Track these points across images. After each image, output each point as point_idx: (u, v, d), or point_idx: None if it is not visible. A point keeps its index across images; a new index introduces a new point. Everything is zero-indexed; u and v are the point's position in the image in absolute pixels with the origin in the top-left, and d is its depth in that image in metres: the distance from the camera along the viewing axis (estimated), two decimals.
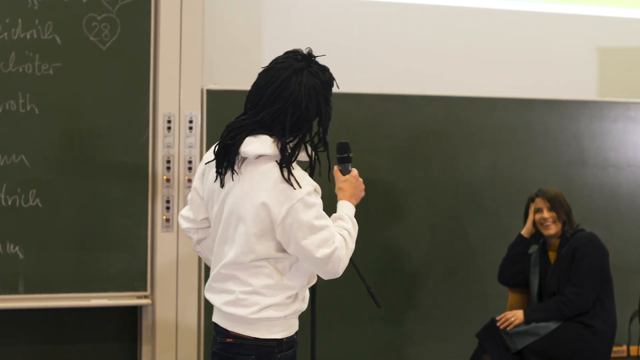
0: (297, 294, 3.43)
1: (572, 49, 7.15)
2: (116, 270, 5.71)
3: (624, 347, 6.31)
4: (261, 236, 3.32)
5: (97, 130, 5.68)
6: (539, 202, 5.66)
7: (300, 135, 3.36)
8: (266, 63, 3.54)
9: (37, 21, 5.58)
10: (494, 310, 6.01)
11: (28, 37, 5.57)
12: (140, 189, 5.74)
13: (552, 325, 5.44)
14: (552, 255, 5.67)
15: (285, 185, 3.27)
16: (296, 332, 3.49)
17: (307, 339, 5.04)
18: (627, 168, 6.83)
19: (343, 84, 6.63)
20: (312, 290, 5.03)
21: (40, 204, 5.60)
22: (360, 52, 6.64)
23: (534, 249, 5.79)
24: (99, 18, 5.66)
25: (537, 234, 5.73)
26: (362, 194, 3.58)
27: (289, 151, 3.30)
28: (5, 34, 5.54)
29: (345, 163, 3.61)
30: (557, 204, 5.61)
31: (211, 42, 6.16)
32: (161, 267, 5.77)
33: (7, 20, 5.54)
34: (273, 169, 3.30)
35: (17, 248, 5.57)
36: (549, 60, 7.07)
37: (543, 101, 6.69)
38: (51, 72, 5.61)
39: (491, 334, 5.54)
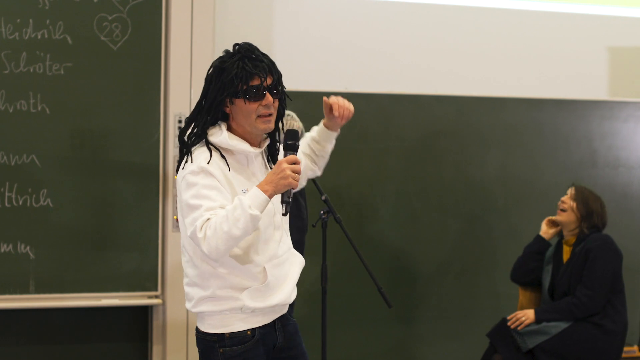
0: (237, 288, 3.43)
1: (583, 48, 7.14)
2: (127, 270, 5.72)
3: (635, 347, 6.30)
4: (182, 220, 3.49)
5: (108, 130, 5.68)
6: (570, 190, 5.66)
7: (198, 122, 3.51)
8: (276, 63, 3.56)
9: (48, 21, 5.58)
10: (505, 309, 6.00)
11: (39, 37, 5.57)
12: (151, 189, 5.75)
13: (562, 325, 5.43)
14: (566, 250, 5.65)
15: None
16: (249, 330, 3.48)
17: (318, 339, 5.05)
18: (638, 168, 6.82)
19: (354, 84, 6.67)
20: (323, 290, 5.06)
21: (51, 204, 5.60)
22: (371, 52, 6.64)
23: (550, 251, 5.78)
24: (110, 18, 5.66)
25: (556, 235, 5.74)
26: (284, 181, 3.31)
27: (185, 137, 3.50)
28: (17, 34, 5.55)
29: (287, 150, 3.48)
30: (581, 197, 5.61)
31: (222, 42, 6.15)
32: (172, 267, 5.77)
33: (18, 20, 5.55)
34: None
35: (28, 248, 5.58)
36: (559, 60, 7.06)
37: (554, 101, 6.69)
38: (62, 72, 5.61)
39: (502, 333, 5.54)
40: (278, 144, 3.63)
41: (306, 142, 3.83)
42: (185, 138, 3.51)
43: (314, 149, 3.80)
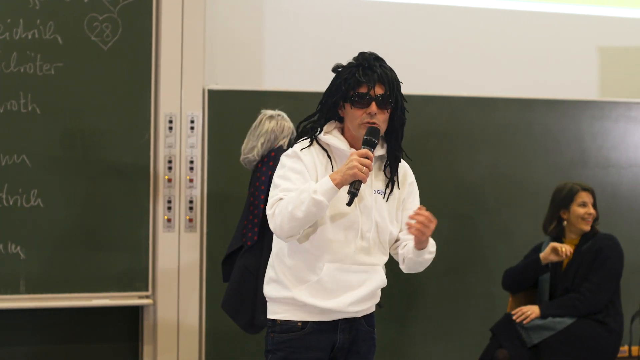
0: (297, 278, 3.53)
1: (574, 49, 7.15)
2: (117, 270, 5.71)
3: (626, 347, 6.31)
4: None
5: (98, 130, 5.68)
6: (585, 196, 5.62)
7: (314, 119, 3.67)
8: (267, 63, 3.64)
9: (38, 21, 5.58)
10: (496, 309, 6.01)
11: (30, 37, 5.57)
12: (141, 189, 5.74)
13: (568, 321, 5.44)
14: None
15: None
16: (300, 322, 3.55)
17: None
18: (628, 168, 6.83)
19: None
20: None
21: (41, 204, 5.60)
22: None
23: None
24: (100, 18, 5.66)
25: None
26: (350, 171, 3.36)
27: (300, 130, 3.66)
28: (7, 34, 5.54)
29: (363, 145, 3.53)
30: (595, 202, 5.64)
31: (212, 42, 6.15)
32: (162, 267, 5.77)
33: (9, 20, 5.54)
34: None
35: (18, 248, 5.57)
36: (550, 61, 7.07)
37: (544, 101, 6.69)
38: (53, 72, 5.61)
39: (506, 328, 5.51)
40: (398, 152, 3.70)
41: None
42: (298, 131, 3.68)
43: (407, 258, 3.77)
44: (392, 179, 3.65)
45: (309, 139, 3.59)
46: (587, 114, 6.76)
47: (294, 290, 3.52)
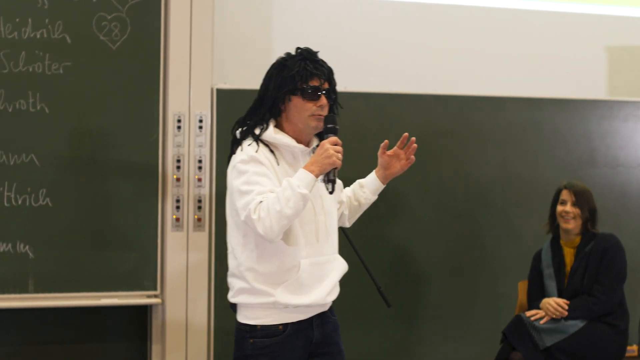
0: (272, 282, 3.56)
1: (582, 48, 7.14)
2: (126, 269, 5.71)
3: (635, 347, 6.31)
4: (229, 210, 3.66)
5: (107, 129, 5.68)
6: (565, 194, 5.63)
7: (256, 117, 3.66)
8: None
9: (47, 20, 5.58)
10: (504, 309, 6.01)
11: (38, 36, 5.57)
12: (150, 189, 5.74)
13: (579, 324, 5.44)
14: (568, 252, 5.64)
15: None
16: (281, 325, 3.60)
17: None
18: (637, 167, 6.83)
19: (353, 83, 6.66)
20: None
21: (50, 204, 5.60)
22: (371, 51, 6.64)
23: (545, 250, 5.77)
24: (109, 17, 5.66)
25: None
26: (328, 160, 3.49)
27: (241, 130, 3.67)
28: (16, 33, 5.54)
29: (327, 133, 3.62)
30: (582, 200, 5.61)
31: (221, 41, 6.15)
32: (171, 266, 5.77)
33: (17, 20, 5.55)
34: None
35: (27, 247, 5.57)
36: (558, 60, 7.07)
37: (553, 100, 6.68)
38: (61, 71, 5.61)
39: (519, 330, 5.50)
40: None
41: (347, 192, 4.04)
42: (237, 133, 3.67)
43: (359, 197, 4.01)
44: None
45: (255, 140, 3.60)
46: (596, 113, 6.75)
47: (275, 293, 3.56)
